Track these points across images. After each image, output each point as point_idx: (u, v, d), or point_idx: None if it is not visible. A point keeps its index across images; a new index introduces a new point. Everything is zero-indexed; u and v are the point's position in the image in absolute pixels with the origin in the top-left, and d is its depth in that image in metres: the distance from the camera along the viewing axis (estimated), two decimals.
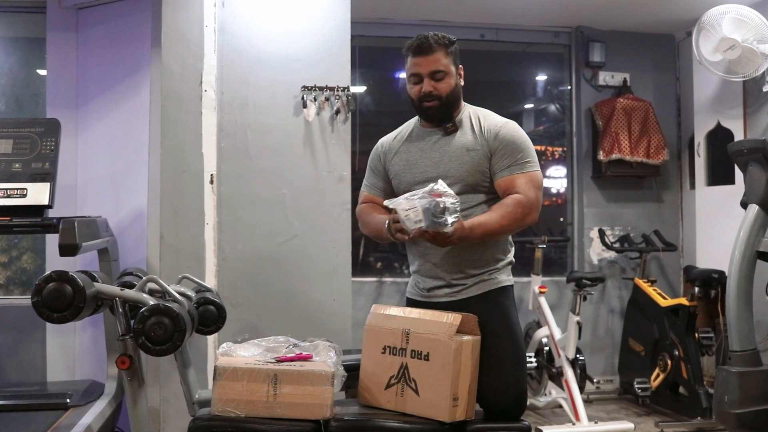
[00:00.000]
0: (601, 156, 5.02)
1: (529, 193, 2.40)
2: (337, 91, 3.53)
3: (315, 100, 3.53)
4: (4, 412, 3.18)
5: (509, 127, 2.48)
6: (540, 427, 3.94)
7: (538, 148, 5.48)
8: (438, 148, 2.50)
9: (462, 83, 2.54)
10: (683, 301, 4.47)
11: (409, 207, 2.20)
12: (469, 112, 2.55)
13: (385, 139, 2.67)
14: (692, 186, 5.19)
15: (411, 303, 2.57)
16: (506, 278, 2.51)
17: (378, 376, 2.41)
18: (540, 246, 4.74)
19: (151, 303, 2.29)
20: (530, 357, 4.58)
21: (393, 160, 2.59)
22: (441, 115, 2.50)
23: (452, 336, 2.29)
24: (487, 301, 2.44)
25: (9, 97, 4.21)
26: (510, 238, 2.56)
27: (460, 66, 2.53)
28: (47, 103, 3.87)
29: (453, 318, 2.32)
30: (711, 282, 4.63)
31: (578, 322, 4.30)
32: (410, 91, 2.51)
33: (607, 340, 5.19)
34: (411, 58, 2.48)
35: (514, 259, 2.56)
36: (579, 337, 4.33)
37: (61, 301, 2.21)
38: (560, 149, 5.48)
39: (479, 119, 2.51)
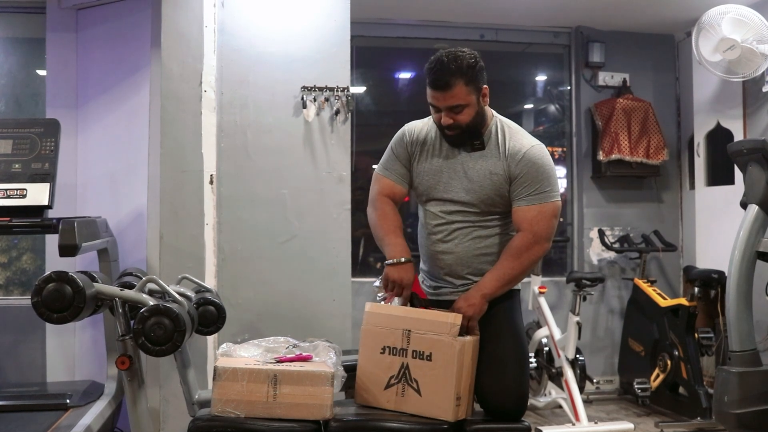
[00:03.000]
0: (601, 156, 5.02)
1: (537, 228, 2.39)
2: (337, 91, 3.53)
3: (315, 100, 3.53)
4: (4, 412, 3.18)
5: (533, 153, 2.41)
6: (540, 428, 3.94)
7: None
8: (463, 165, 2.46)
9: (486, 102, 2.44)
10: (683, 301, 4.46)
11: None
12: (497, 125, 2.48)
13: (415, 128, 2.57)
14: (692, 186, 5.19)
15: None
16: None
17: (377, 375, 2.41)
18: None
19: (151, 303, 2.28)
20: (530, 357, 4.57)
21: (419, 159, 2.53)
22: (464, 140, 2.45)
23: (455, 336, 2.30)
24: (492, 303, 2.44)
25: (9, 98, 4.21)
26: None
27: (485, 86, 2.42)
28: (47, 103, 3.87)
29: (454, 318, 2.32)
30: (711, 282, 4.63)
31: (578, 323, 4.30)
32: (432, 115, 2.47)
33: (607, 341, 5.19)
34: (428, 89, 2.40)
35: None
36: (579, 338, 4.33)
37: (61, 301, 2.21)
38: (560, 149, 5.47)
39: (505, 138, 2.45)
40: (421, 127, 2.57)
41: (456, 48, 2.42)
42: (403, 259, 2.43)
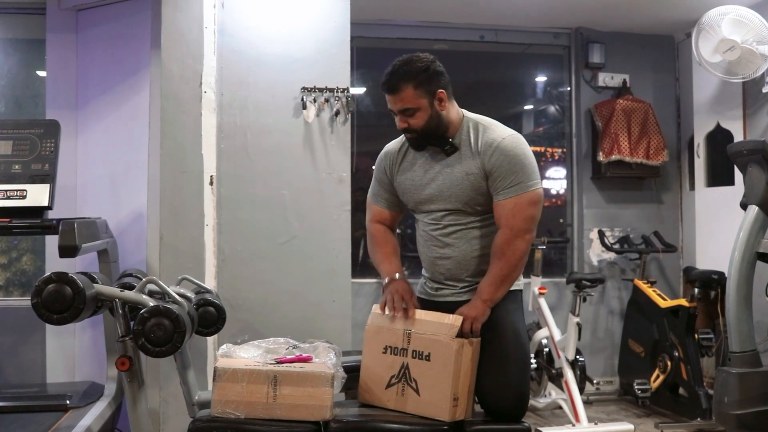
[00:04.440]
0: (601, 157, 5.02)
1: (514, 221, 2.37)
2: (337, 92, 3.53)
3: (315, 101, 3.53)
4: (3, 413, 3.18)
5: (504, 144, 2.38)
6: (540, 429, 3.93)
7: (538, 149, 5.48)
8: (440, 169, 2.47)
9: (444, 106, 2.41)
10: (683, 302, 4.46)
11: None
12: (468, 125, 2.46)
13: (390, 150, 2.61)
14: (692, 187, 5.19)
15: (419, 301, 2.57)
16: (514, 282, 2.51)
17: (379, 375, 2.42)
18: (540, 247, 4.74)
19: (151, 304, 2.28)
20: (530, 358, 4.57)
21: (398, 177, 2.56)
22: (425, 143, 2.46)
23: (453, 337, 2.30)
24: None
25: (9, 99, 4.22)
26: None
27: (440, 90, 2.40)
28: (47, 104, 3.87)
29: (454, 319, 2.33)
30: (711, 283, 4.62)
31: (578, 323, 4.30)
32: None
33: (607, 341, 5.18)
34: (384, 93, 2.44)
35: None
36: (579, 338, 4.33)
37: (61, 302, 2.21)
38: (560, 150, 5.48)
39: (477, 135, 2.43)
40: (397, 146, 2.60)
41: (415, 54, 2.45)
42: (397, 275, 2.51)
